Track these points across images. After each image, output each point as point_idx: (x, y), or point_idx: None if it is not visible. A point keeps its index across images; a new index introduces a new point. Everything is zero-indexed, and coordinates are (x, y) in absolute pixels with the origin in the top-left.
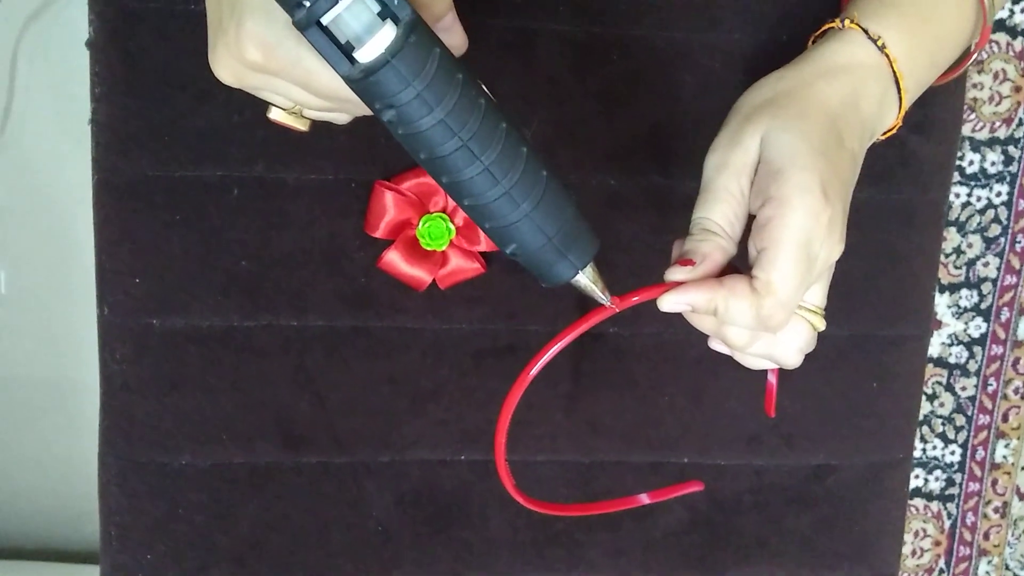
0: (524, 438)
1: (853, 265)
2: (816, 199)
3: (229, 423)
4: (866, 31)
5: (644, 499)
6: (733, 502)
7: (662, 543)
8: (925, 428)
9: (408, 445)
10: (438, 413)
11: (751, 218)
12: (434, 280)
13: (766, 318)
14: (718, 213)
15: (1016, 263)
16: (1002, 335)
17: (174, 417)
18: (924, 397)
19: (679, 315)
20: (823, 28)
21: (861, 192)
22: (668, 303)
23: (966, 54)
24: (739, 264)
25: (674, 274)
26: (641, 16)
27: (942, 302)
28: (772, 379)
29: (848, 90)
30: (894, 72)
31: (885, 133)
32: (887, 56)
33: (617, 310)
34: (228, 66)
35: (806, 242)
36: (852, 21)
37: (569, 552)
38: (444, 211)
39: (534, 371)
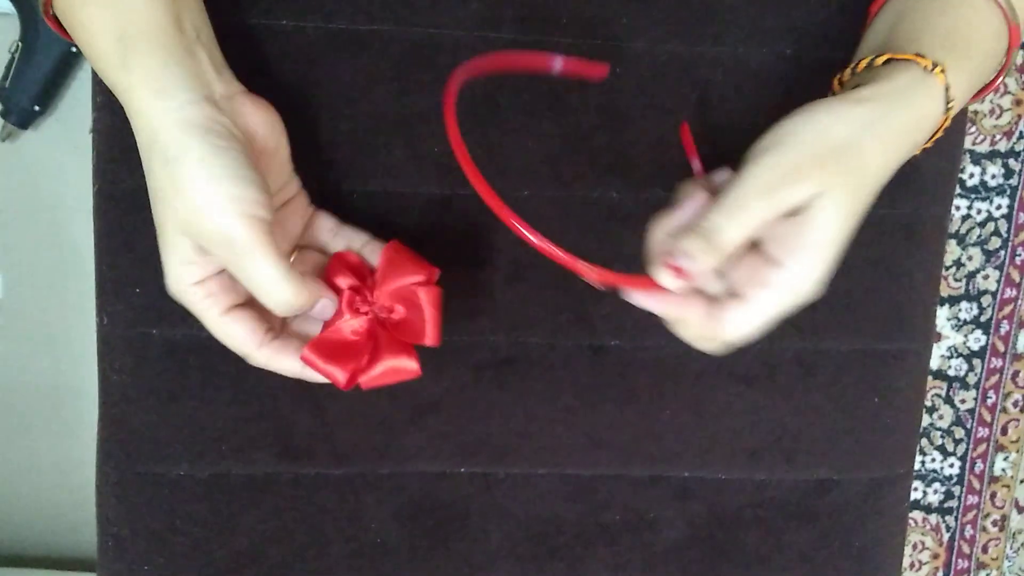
0: (524, 450)
1: (854, 279)
2: (812, 289)
3: (228, 434)
4: (947, 88)
5: (557, 64)
6: (733, 517)
7: (662, 557)
8: (924, 440)
9: (407, 457)
10: (438, 425)
11: None
12: None
13: (711, 350)
14: (741, 239)
15: (1016, 276)
16: (1001, 348)
17: (173, 428)
18: (924, 409)
19: None
20: (904, 56)
21: None
22: (641, 302)
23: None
24: None
25: (664, 279)
26: (644, 29)
27: (942, 314)
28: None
29: (907, 152)
30: (942, 124)
31: None
32: (947, 113)
33: (596, 278)
34: None
35: (780, 314)
36: (942, 71)
37: (569, 566)
38: None
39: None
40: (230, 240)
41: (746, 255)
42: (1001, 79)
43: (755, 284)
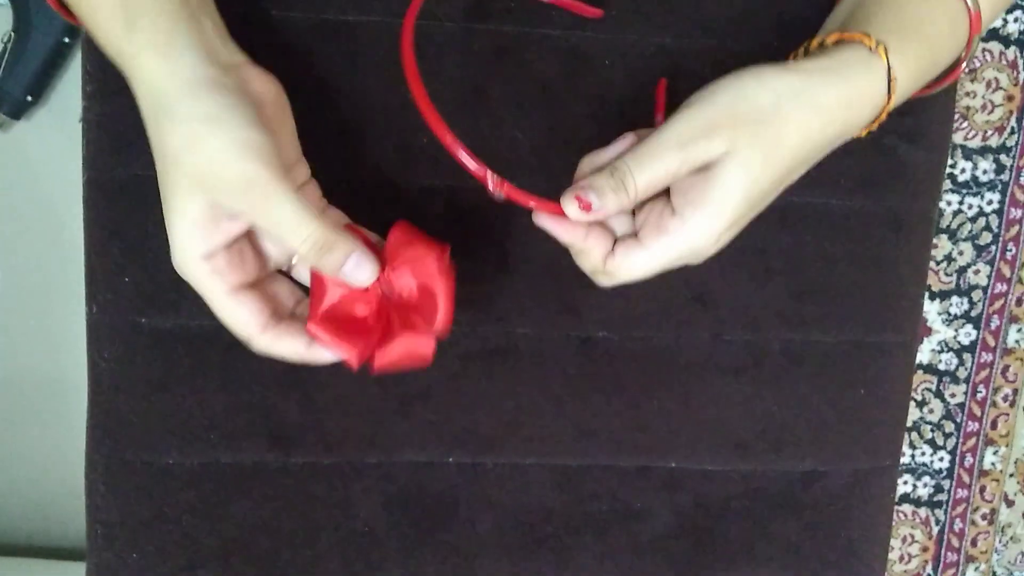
0: (513, 440)
1: (841, 272)
2: (705, 244)
3: (217, 422)
4: (890, 69)
5: None
6: (720, 507)
7: (649, 548)
8: (914, 434)
9: (396, 447)
10: (426, 415)
11: None
12: None
13: (604, 284)
14: (651, 185)
15: (1006, 271)
16: (992, 343)
17: (162, 416)
18: (914, 403)
19: (670, 322)
20: (851, 36)
21: (851, 200)
22: (547, 227)
23: (947, 71)
24: None
25: (570, 208)
26: (633, 22)
27: (932, 309)
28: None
29: (840, 128)
30: (885, 106)
31: None
32: (890, 94)
33: (494, 189)
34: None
35: (671, 263)
36: (885, 51)
37: (556, 556)
38: None
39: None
40: (251, 182)
41: (656, 201)
42: (964, 65)
43: (655, 230)
